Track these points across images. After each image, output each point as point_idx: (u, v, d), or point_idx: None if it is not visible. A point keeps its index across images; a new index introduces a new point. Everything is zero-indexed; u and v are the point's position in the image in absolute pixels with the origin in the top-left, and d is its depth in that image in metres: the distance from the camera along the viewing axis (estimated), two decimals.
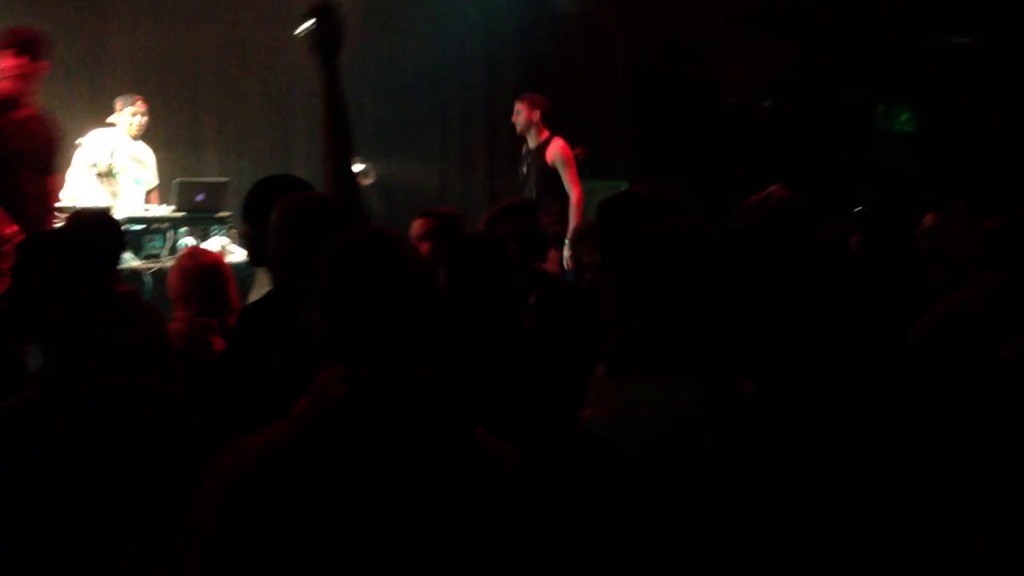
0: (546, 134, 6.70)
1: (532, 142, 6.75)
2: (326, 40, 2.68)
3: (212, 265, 3.86)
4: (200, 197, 6.59)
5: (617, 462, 1.55)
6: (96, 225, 3.56)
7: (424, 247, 3.72)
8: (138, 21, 7.78)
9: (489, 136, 8.93)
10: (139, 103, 6.67)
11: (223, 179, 6.85)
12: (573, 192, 6.56)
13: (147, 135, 6.96)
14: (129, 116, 6.65)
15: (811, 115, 8.29)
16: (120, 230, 3.70)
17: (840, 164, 8.27)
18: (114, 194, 6.60)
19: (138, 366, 2.27)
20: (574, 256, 3.71)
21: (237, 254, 6.01)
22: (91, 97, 6.95)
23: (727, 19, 8.61)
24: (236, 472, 1.48)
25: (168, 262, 6.16)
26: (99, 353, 2.12)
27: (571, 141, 7.17)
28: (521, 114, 6.71)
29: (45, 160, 5.12)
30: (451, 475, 1.52)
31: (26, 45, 4.88)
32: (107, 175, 6.63)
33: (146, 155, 6.86)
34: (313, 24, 2.67)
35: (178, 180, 6.60)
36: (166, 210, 6.57)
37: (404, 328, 1.56)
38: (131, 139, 6.72)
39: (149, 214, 6.45)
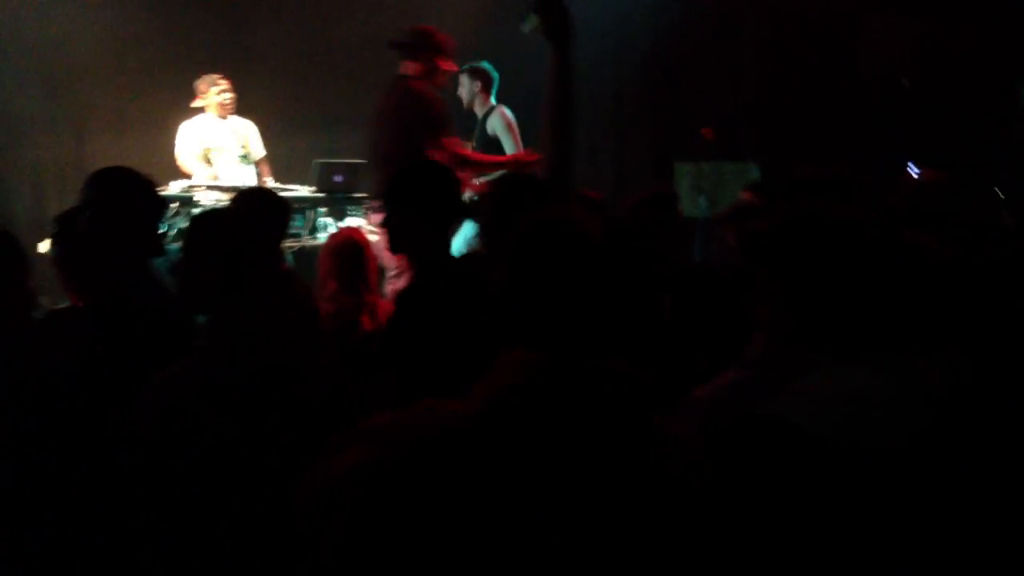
0: (488, 104, 6.52)
1: (479, 113, 6.56)
2: (558, 31, 2.81)
3: (358, 246, 4.01)
4: (338, 178, 6.80)
5: (807, 446, 1.54)
6: (262, 203, 3.72)
7: None
8: (279, 11, 8.06)
9: (616, 115, 8.94)
10: (222, 81, 6.83)
11: (360, 160, 7.03)
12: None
13: (289, 115, 7.22)
14: (215, 96, 6.82)
15: (950, 92, 8.03)
16: (285, 208, 3.84)
17: (980, 143, 8.00)
18: (215, 176, 6.79)
19: (297, 344, 2.41)
20: (719, 237, 3.71)
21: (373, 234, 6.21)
22: (238, 86, 7.18)
23: None
24: (408, 451, 1.42)
25: (308, 241, 6.42)
26: (261, 329, 2.25)
27: (701, 121, 7.13)
28: (464, 86, 6.53)
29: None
30: (636, 465, 1.47)
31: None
32: (204, 159, 6.87)
33: (244, 129, 7.01)
34: (538, 19, 2.80)
35: (317, 161, 6.83)
36: (305, 190, 6.83)
37: (589, 316, 1.51)
38: (221, 118, 6.90)
39: (290, 194, 6.70)
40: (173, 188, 6.32)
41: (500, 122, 6.39)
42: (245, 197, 3.83)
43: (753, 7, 8.60)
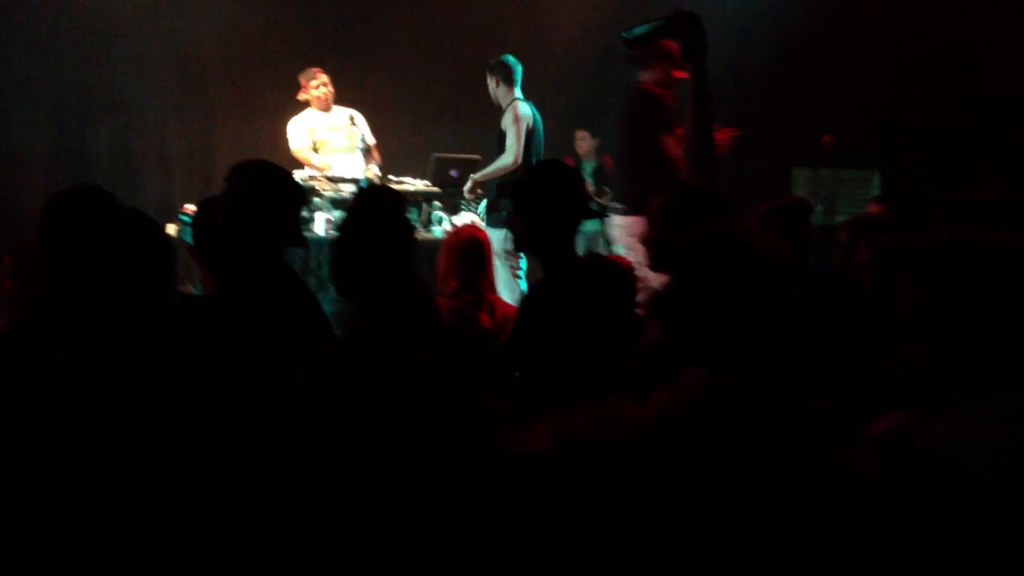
0: (511, 97, 6.44)
1: (503, 106, 6.50)
2: (696, 48, 2.85)
3: (475, 242, 4.06)
4: (453, 173, 6.89)
5: (965, 483, 1.51)
6: (387, 203, 3.80)
7: None
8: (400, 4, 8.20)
9: (735, 119, 8.83)
10: (320, 75, 6.85)
11: (476, 156, 7.11)
12: (507, 155, 6.29)
13: (406, 109, 7.34)
14: (314, 90, 6.86)
15: None
16: (404, 206, 3.91)
17: None
18: (325, 165, 6.86)
19: (429, 338, 2.47)
20: (846, 248, 3.63)
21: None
22: (359, 79, 7.33)
23: (993, 2, 8.17)
24: (590, 445, 1.38)
25: (423, 234, 6.53)
26: (401, 322, 2.32)
27: (821, 127, 7.02)
28: (489, 86, 6.51)
29: None
30: (812, 489, 1.40)
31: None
32: (314, 151, 6.94)
33: (348, 118, 7.01)
34: (656, 30, 2.86)
35: (435, 155, 6.93)
36: (420, 184, 6.94)
37: (766, 337, 1.55)
38: (323, 111, 6.93)
39: (405, 187, 6.81)
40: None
41: (508, 116, 6.36)
42: (372, 197, 3.93)
43: (879, 15, 8.42)
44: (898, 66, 8.30)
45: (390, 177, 7.05)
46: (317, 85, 6.83)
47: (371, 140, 7.11)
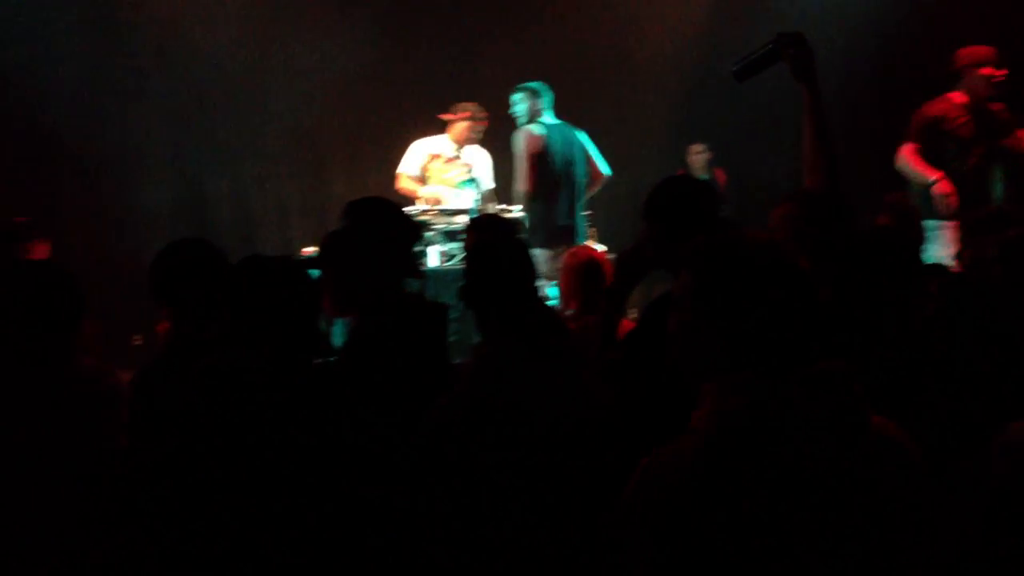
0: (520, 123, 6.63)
1: None
2: (804, 68, 2.84)
3: (597, 264, 4.08)
4: None
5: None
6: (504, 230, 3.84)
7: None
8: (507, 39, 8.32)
9: (848, 116, 8.69)
10: (465, 112, 6.95)
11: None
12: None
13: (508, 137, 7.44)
14: (459, 122, 6.98)
15: None
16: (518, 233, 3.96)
17: None
18: (430, 196, 6.93)
19: (569, 369, 2.48)
20: (965, 245, 3.54)
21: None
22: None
23: None
24: (655, 490, 1.54)
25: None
26: (536, 352, 2.34)
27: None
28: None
29: None
30: (859, 468, 1.52)
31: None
32: (419, 179, 7.04)
33: (476, 159, 7.12)
34: (762, 58, 2.86)
35: None
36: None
37: (793, 333, 1.55)
38: (456, 144, 7.03)
39: (516, 215, 6.85)
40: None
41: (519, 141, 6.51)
42: (488, 225, 3.99)
43: (999, 5, 8.16)
44: (1019, 54, 8.02)
45: (501, 206, 7.11)
46: (459, 120, 6.96)
47: (491, 185, 7.20)
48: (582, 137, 6.66)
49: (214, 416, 2.11)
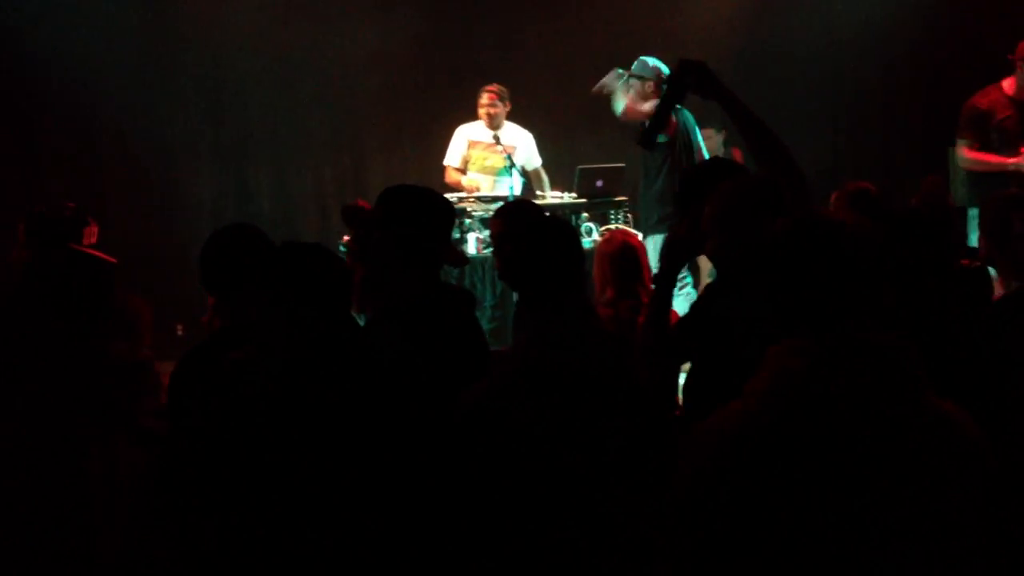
0: None
1: None
2: (710, 86, 2.87)
3: (632, 249, 4.08)
4: (599, 183, 6.93)
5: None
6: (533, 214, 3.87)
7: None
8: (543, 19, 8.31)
9: (886, 100, 8.63)
10: (486, 94, 6.95)
11: (620, 164, 7.12)
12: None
13: (553, 121, 7.44)
14: (480, 108, 6.99)
15: None
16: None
17: None
18: (470, 184, 6.98)
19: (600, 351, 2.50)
20: (992, 224, 3.49)
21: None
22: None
23: None
24: (709, 450, 1.60)
25: None
26: (573, 341, 2.36)
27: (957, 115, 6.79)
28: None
29: None
30: (913, 439, 1.55)
31: None
32: (461, 170, 7.09)
33: (514, 139, 7.07)
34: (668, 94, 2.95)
35: (580, 167, 6.98)
36: (568, 196, 6.99)
37: (852, 299, 1.61)
38: (487, 128, 7.00)
39: (552, 202, 6.88)
40: None
41: None
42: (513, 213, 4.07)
43: None
44: None
45: (538, 193, 7.14)
46: (482, 104, 6.97)
47: (535, 163, 7.20)
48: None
49: (226, 412, 2.16)
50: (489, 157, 7.07)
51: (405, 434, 2.31)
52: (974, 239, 5.17)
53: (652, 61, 6.08)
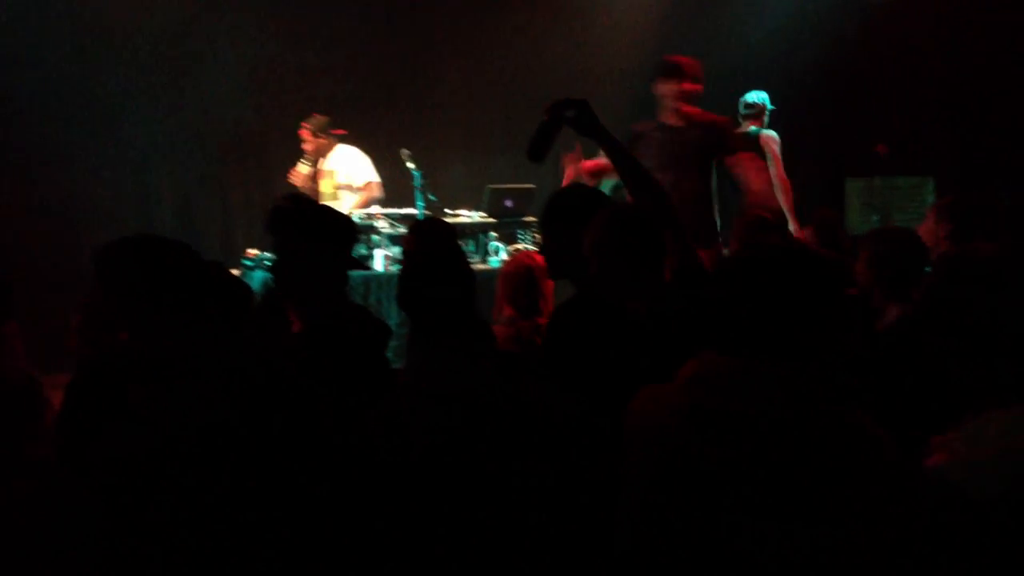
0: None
1: None
2: (589, 124, 3.01)
3: (532, 270, 4.11)
4: (508, 203, 6.98)
5: (958, 503, 1.51)
6: (441, 236, 3.88)
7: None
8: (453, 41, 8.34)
9: (787, 131, 8.82)
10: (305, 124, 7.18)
11: (530, 185, 7.19)
12: None
13: (463, 143, 7.47)
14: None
15: None
16: (456, 238, 4.01)
17: None
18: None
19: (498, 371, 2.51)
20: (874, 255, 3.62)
21: None
22: (414, 116, 7.43)
23: None
24: (644, 420, 1.80)
25: (479, 266, 6.60)
26: (464, 359, 2.37)
27: (873, 136, 7.00)
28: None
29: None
30: (812, 453, 1.60)
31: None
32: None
33: (337, 161, 7.27)
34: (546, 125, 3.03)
35: (489, 187, 7.02)
36: (476, 216, 7.03)
37: (778, 326, 1.68)
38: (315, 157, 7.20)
39: (461, 220, 6.90)
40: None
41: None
42: (425, 231, 4.04)
43: (929, 22, 8.36)
44: (949, 71, 8.23)
45: (445, 211, 7.16)
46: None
47: (361, 180, 7.26)
48: None
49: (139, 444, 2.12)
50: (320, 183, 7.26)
51: (305, 455, 2.29)
52: None
53: None
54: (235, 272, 6.38)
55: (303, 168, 7.20)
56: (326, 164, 7.25)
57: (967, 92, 8.15)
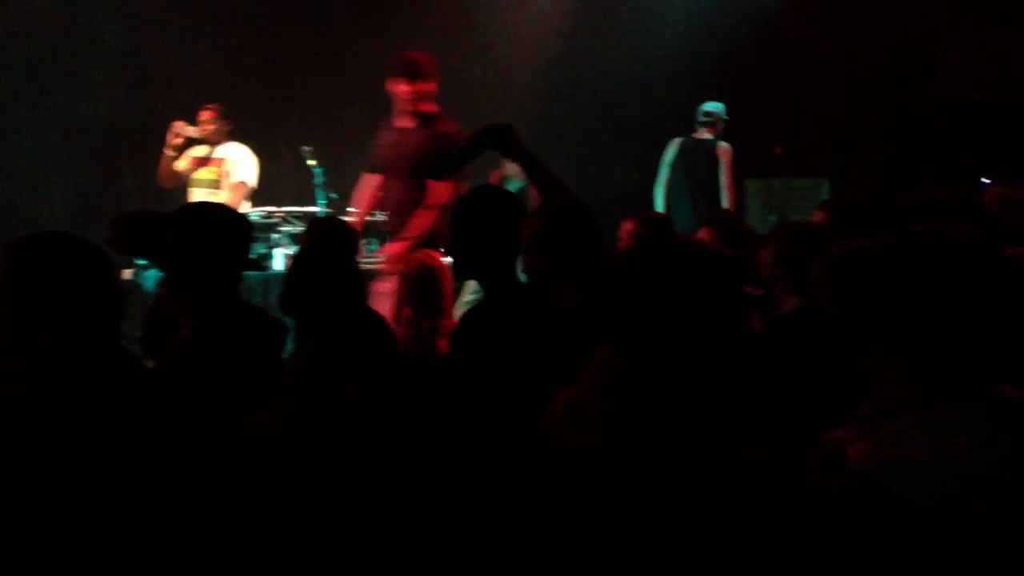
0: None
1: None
2: (514, 148, 3.11)
3: (433, 271, 4.08)
4: None
5: (892, 507, 1.43)
6: (343, 235, 3.82)
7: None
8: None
9: (691, 129, 8.95)
10: (204, 112, 7.08)
11: None
12: None
13: (368, 143, 7.40)
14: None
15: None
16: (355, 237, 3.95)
17: None
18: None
19: (384, 372, 2.48)
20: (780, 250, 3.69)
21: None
22: (322, 114, 7.31)
23: (939, 10, 8.33)
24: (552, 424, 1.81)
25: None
26: (354, 360, 2.34)
27: (771, 138, 7.15)
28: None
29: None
30: (692, 465, 1.63)
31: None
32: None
33: (230, 153, 7.17)
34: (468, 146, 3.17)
35: None
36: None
37: (667, 320, 1.72)
38: (207, 144, 7.12)
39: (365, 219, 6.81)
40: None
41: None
42: (321, 230, 3.98)
43: (826, 24, 8.56)
44: (845, 74, 8.44)
45: (348, 209, 7.06)
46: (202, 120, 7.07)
47: (239, 179, 7.16)
48: None
49: None
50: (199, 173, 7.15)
51: (183, 457, 2.23)
52: None
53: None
54: (127, 272, 6.27)
55: (195, 152, 7.09)
56: (215, 153, 7.16)
57: (862, 96, 8.37)
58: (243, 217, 3.03)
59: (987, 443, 1.41)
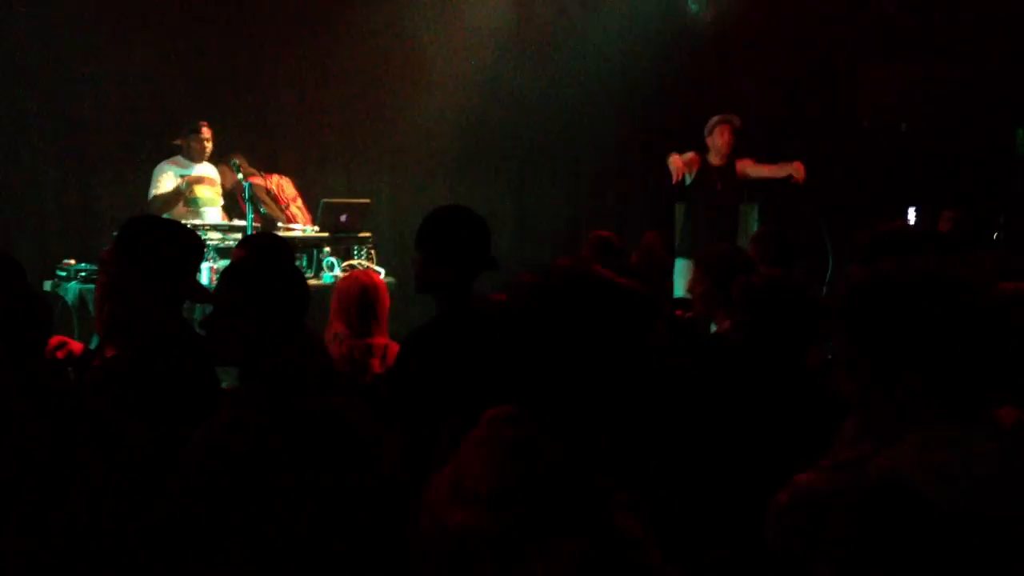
0: None
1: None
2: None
3: (367, 288, 4.03)
4: (343, 217, 6.86)
5: (923, 512, 1.46)
6: (278, 251, 3.76)
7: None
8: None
9: (620, 158, 9.04)
10: (205, 128, 6.90)
11: (365, 200, 7.09)
12: None
13: (299, 156, 7.34)
14: (194, 142, 6.88)
15: (948, 139, 8.13)
16: (293, 254, 3.89)
17: (978, 190, 8.08)
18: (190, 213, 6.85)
19: (327, 389, 2.44)
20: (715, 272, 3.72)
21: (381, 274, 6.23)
22: (250, 126, 7.19)
23: (862, 39, 8.52)
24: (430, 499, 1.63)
25: (312, 280, 6.45)
26: (292, 380, 2.28)
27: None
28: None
29: None
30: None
31: None
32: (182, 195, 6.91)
33: (214, 172, 7.08)
34: None
35: (324, 201, 6.88)
36: (310, 230, 6.87)
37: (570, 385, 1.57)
38: (195, 162, 6.93)
39: (295, 234, 6.73)
40: None
41: None
42: (258, 245, 3.91)
43: (751, 55, 8.71)
44: (771, 102, 8.59)
45: (279, 224, 6.98)
46: (200, 138, 6.83)
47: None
48: None
49: None
50: (200, 191, 6.96)
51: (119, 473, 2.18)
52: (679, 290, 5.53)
53: None
54: (48, 283, 6.10)
55: (197, 171, 6.91)
56: (206, 172, 7.00)
57: (790, 124, 8.52)
58: (196, 239, 2.97)
59: (1007, 450, 1.48)
